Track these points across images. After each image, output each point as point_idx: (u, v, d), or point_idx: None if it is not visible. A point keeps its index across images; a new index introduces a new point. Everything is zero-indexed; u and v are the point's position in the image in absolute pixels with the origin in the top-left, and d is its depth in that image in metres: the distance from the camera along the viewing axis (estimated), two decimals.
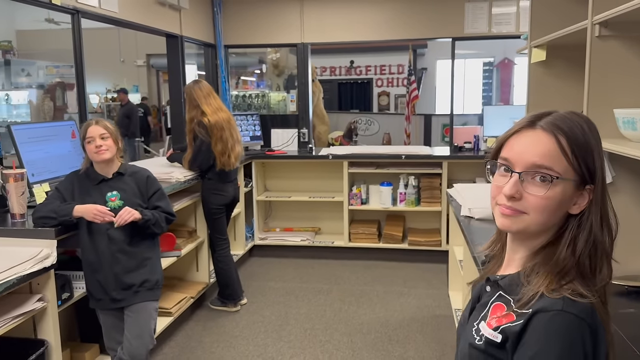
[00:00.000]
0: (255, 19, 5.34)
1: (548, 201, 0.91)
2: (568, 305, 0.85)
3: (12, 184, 2.42)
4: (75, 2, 3.19)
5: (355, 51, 11.58)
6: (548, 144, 0.91)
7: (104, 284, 2.39)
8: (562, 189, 0.91)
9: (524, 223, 0.94)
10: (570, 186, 0.92)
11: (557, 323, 0.84)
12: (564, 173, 0.91)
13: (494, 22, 4.96)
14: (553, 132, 0.92)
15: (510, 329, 0.88)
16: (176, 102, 4.79)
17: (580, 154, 0.91)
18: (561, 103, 2.67)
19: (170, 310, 3.40)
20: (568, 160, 0.91)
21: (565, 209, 0.94)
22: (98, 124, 2.37)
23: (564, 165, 0.91)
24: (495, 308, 0.96)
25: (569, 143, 0.91)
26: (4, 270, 2.00)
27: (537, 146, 0.92)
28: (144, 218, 2.38)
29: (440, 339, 3.43)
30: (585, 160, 0.91)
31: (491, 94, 11.40)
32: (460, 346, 1.03)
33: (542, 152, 0.91)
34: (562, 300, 0.86)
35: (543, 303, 0.86)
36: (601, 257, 0.93)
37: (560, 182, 0.91)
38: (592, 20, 1.84)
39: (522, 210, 0.93)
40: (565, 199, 0.92)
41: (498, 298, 0.97)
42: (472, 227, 2.56)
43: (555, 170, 0.91)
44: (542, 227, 0.95)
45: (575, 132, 0.92)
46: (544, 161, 0.91)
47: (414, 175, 4.88)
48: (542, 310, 0.86)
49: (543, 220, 0.93)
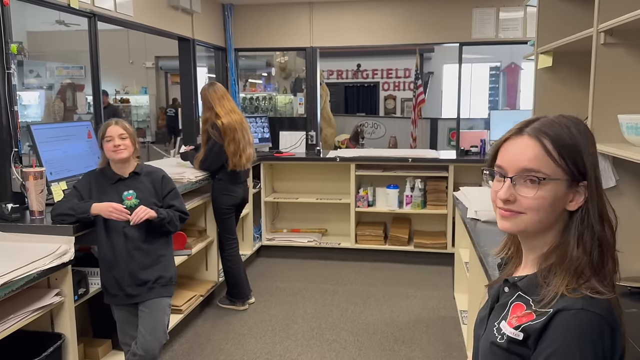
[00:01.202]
0: (265, 23, 5.42)
1: (540, 200, 0.98)
2: (588, 303, 0.91)
3: (31, 181, 2.49)
4: (92, 6, 3.26)
5: (362, 55, 11.64)
6: (534, 148, 0.99)
7: (120, 280, 2.46)
8: (553, 189, 0.98)
9: (523, 223, 1.01)
10: (561, 185, 0.98)
11: (579, 320, 0.90)
12: (552, 174, 0.98)
13: (501, 28, 5.02)
14: (538, 137, 0.99)
15: (531, 327, 0.94)
16: (187, 104, 4.86)
17: (567, 154, 0.98)
18: (567, 108, 2.70)
19: (181, 307, 3.47)
20: (555, 162, 0.98)
21: (561, 207, 1.00)
22: (117, 124, 2.45)
23: (551, 166, 0.98)
24: (515, 308, 1.01)
25: (554, 145, 0.98)
26: (24, 264, 2.06)
27: (525, 152, 0.99)
28: (159, 217, 2.45)
29: (445, 340, 3.47)
30: (574, 159, 0.98)
31: (498, 99, 11.43)
32: (481, 344, 1.09)
33: (529, 157, 0.99)
34: (583, 299, 0.92)
35: (564, 302, 0.92)
36: (606, 250, 0.98)
37: (549, 182, 0.98)
38: (598, 28, 1.89)
39: (519, 210, 1.01)
40: (558, 197, 0.99)
41: (517, 298, 1.02)
42: (478, 230, 2.60)
43: (543, 172, 0.98)
44: (541, 225, 1.01)
45: (561, 134, 0.99)
46: (531, 165, 0.98)
47: (421, 178, 4.93)
48: (564, 309, 0.91)
49: (539, 218, 1.00)
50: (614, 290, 0.97)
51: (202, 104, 3.75)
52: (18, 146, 2.66)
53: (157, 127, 11.22)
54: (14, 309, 2.09)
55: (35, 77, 9.93)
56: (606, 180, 1.92)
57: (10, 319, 2.04)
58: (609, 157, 1.93)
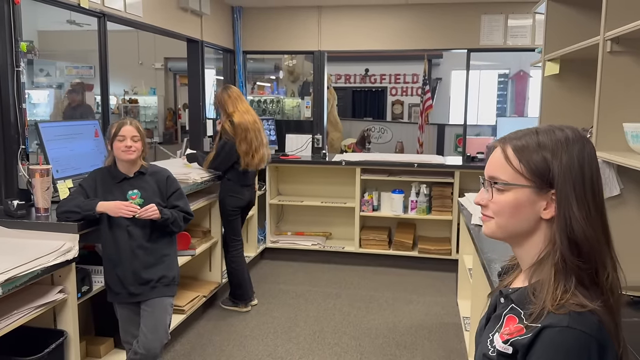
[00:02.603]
0: (274, 26, 5.44)
1: (499, 206, 1.01)
2: (575, 321, 0.90)
3: (37, 179, 2.51)
4: (102, 6, 3.29)
5: (370, 59, 11.64)
6: (497, 156, 1.03)
7: (123, 278, 2.47)
8: (515, 195, 0.99)
9: (491, 227, 1.04)
10: (525, 192, 0.99)
11: (564, 338, 0.89)
12: (511, 180, 1.00)
13: (509, 35, 5.01)
14: (501, 144, 1.03)
15: (519, 342, 0.93)
16: (195, 105, 4.88)
17: (528, 161, 0.98)
18: (573, 116, 2.71)
19: (183, 308, 3.48)
20: (513, 168, 0.99)
21: (530, 214, 0.99)
22: (131, 125, 2.46)
23: (509, 172, 1.00)
24: (508, 320, 1.01)
25: (515, 153, 1.00)
26: (28, 261, 2.08)
27: (492, 160, 1.04)
28: (163, 217, 2.46)
29: (447, 346, 3.46)
30: (537, 166, 0.97)
31: (505, 106, 11.40)
32: (477, 355, 1.09)
33: (493, 165, 1.03)
34: (569, 315, 0.90)
35: (551, 319, 0.91)
36: (591, 259, 0.95)
37: (509, 188, 1.00)
38: (604, 36, 1.89)
39: (489, 215, 1.04)
40: (522, 204, 0.99)
41: (511, 310, 1.02)
42: (482, 236, 2.59)
43: (502, 179, 1.00)
44: (509, 231, 1.02)
45: (527, 142, 1.00)
46: (493, 172, 1.03)
47: (426, 184, 4.93)
48: (549, 326, 0.90)
49: (505, 223, 1.02)
50: (607, 299, 0.94)
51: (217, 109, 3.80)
52: (25, 143, 2.68)
53: (164, 128, 11.28)
54: (18, 305, 2.10)
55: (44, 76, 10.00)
56: (610, 189, 1.92)
57: (13, 314, 2.06)
58: (614, 166, 1.93)
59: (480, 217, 2.81)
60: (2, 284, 1.89)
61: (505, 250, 1.38)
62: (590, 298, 0.93)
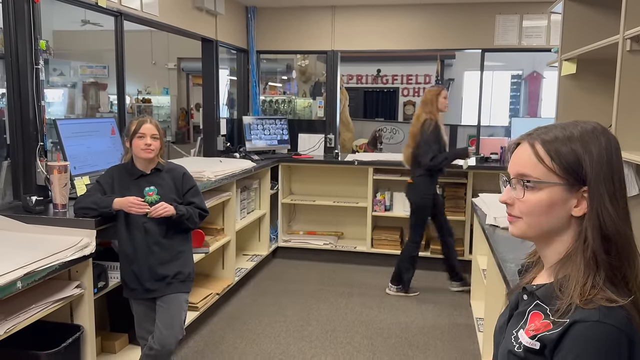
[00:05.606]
0: (288, 26, 5.45)
1: (531, 205, 0.99)
2: (605, 315, 0.90)
3: (55, 175, 2.54)
4: (119, 5, 3.32)
5: (383, 60, 11.62)
6: (527, 153, 1.00)
7: (139, 274, 2.49)
8: (547, 193, 0.98)
9: (521, 227, 1.02)
10: (557, 189, 0.97)
11: (594, 333, 0.89)
12: (543, 177, 0.98)
13: (524, 35, 4.98)
14: (530, 141, 1.00)
15: (548, 337, 0.93)
16: (209, 105, 4.91)
17: (560, 158, 0.97)
18: (589, 115, 2.68)
19: (197, 305, 3.50)
20: (545, 166, 0.98)
21: (562, 212, 0.98)
22: (151, 123, 2.47)
23: (541, 170, 0.98)
24: (533, 316, 1.00)
25: (545, 150, 0.98)
26: (46, 256, 2.11)
27: (520, 157, 1.01)
28: (178, 213, 2.48)
29: (460, 347, 3.45)
30: (569, 163, 0.96)
31: (519, 107, 11.33)
32: (499, 352, 1.08)
33: (522, 162, 1.01)
34: (599, 310, 0.90)
35: (581, 314, 0.91)
36: (621, 256, 0.95)
37: (541, 186, 0.98)
38: (624, 35, 1.88)
39: (517, 215, 1.02)
40: (554, 202, 0.98)
41: (535, 307, 1.01)
42: (497, 236, 2.59)
43: (533, 176, 0.98)
44: (541, 231, 1.01)
45: (557, 138, 0.98)
46: (523, 169, 1.00)
47: (439, 185, 4.90)
48: (580, 321, 0.90)
49: (535, 222, 1.00)
50: (635, 297, 0.94)
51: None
52: (44, 140, 2.72)
53: (177, 128, 11.37)
54: (35, 299, 2.13)
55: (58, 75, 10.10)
56: (629, 189, 1.90)
57: (31, 308, 2.08)
58: (632, 165, 1.91)
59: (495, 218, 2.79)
60: (21, 278, 1.92)
61: (520, 250, 1.37)
62: (618, 294, 0.93)
